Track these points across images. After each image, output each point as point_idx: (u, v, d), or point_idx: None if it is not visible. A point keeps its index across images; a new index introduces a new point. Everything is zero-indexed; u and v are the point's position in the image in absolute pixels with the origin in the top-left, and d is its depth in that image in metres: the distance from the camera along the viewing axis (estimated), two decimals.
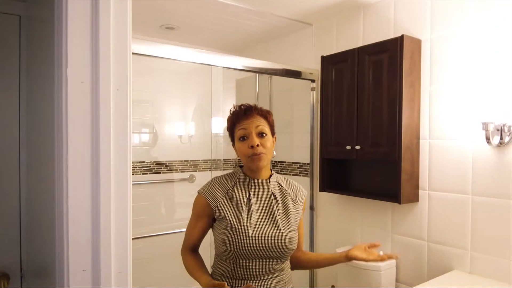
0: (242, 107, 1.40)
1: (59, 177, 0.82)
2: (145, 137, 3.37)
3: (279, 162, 3.10)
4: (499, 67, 1.78)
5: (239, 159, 1.43)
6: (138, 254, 2.12)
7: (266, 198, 1.39)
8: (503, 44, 1.76)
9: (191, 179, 3.54)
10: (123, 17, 0.85)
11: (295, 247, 1.39)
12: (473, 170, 1.88)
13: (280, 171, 3.10)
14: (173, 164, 3.48)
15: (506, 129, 1.72)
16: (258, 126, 1.35)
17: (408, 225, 2.18)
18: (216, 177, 1.45)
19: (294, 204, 1.43)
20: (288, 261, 1.45)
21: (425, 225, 2.10)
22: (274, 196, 1.40)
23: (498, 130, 1.74)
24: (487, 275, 1.82)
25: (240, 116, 1.37)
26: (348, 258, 1.42)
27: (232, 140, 1.43)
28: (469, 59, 1.89)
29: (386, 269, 2.15)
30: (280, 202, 1.40)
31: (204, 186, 1.42)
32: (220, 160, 3.69)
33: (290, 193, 1.45)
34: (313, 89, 2.76)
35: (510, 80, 1.73)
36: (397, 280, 2.22)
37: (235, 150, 1.41)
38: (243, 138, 1.36)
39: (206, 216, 1.40)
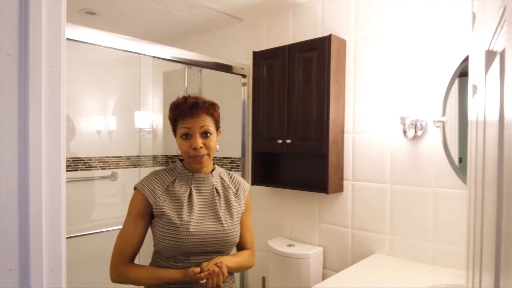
0: (189, 101, 1.31)
1: None
2: None
3: None
4: (413, 66, 1.97)
5: (179, 155, 1.37)
6: None
7: (209, 192, 1.36)
8: (417, 45, 1.96)
9: (113, 177, 3.33)
10: None
11: (237, 240, 1.38)
12: (391, 161, 2.06)
13: None
14: (92, 161, 3.24)
15: (419, 124, 1.93)
16: (203, 126, 1.30)
17: (334, 214, 2.32)
18: (155, 172, 1.37)
19: (237, 198, 1.42)
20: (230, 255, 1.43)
21: (349, 213, 2.24)
22: (217, 190, 1.38)
23: (413, 124, 1.93)
24: (404, 256, 2.01)
25: (185, 113, 1.29)
26: None
27: (174, 132, 1.36)
28: (388, 59, 2.07)
29: (314, 257, 2.26)
30: (222, 196, 1.38)
31: (141, 180, 1.34)
32: (146, 156, 3.53)
33: (232, 187, 1.43)
34: (244, 84, 2.78)
35: (422, 79, 1.94)
36: (324, 267, 2.35)
37: (177, 144, 1.35)
38: (186, 136, 1.30)
39: (146, 214, 1.30)
